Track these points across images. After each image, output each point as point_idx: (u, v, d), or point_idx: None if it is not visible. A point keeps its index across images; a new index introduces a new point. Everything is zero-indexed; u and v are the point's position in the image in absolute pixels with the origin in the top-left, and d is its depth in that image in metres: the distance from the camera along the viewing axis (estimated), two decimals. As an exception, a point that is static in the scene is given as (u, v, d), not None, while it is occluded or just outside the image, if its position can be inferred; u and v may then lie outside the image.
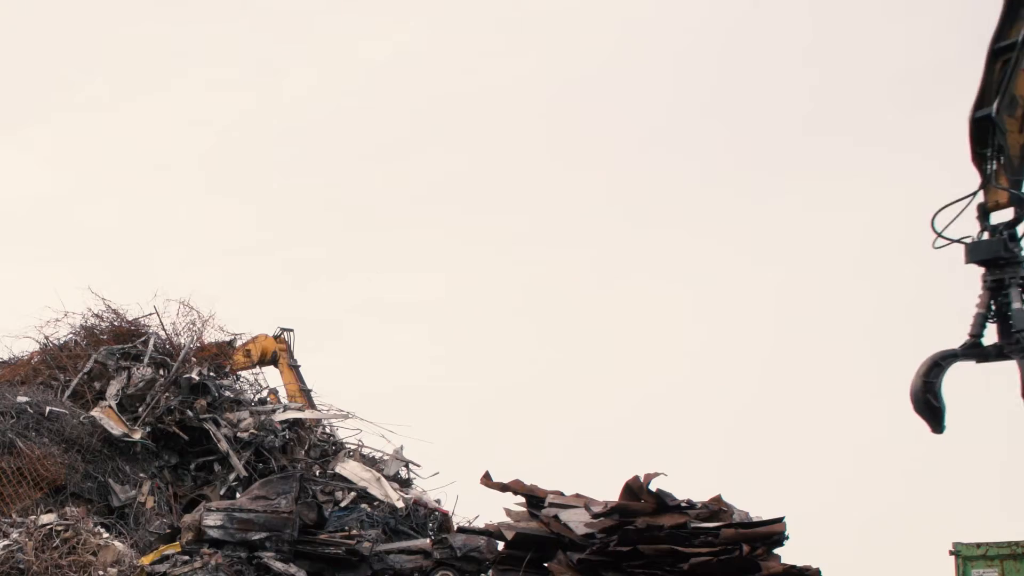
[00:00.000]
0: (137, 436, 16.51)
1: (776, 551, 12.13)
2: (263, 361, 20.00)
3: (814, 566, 12.31)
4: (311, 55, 42.46)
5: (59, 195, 41.73)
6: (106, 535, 14.48)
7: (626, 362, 34.05)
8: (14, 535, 14.04)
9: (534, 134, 40.58)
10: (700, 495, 12.07)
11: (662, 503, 11.78)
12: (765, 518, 12.19)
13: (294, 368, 20.14)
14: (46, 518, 14.40)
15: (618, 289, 35.82)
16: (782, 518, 12.20)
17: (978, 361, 8.73)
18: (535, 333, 36.62)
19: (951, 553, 12.88)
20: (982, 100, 8.73)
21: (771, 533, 11.95)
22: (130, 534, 15.07)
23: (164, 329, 18.23)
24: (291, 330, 20.47)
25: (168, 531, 15.30)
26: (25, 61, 43.82)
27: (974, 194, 8.77)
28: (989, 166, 8.72)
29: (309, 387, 20.11)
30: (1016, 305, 8.55)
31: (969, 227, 8.91)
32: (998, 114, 8.62)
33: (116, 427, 16.35)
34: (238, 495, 16.04)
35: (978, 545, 12.79)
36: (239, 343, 19.63)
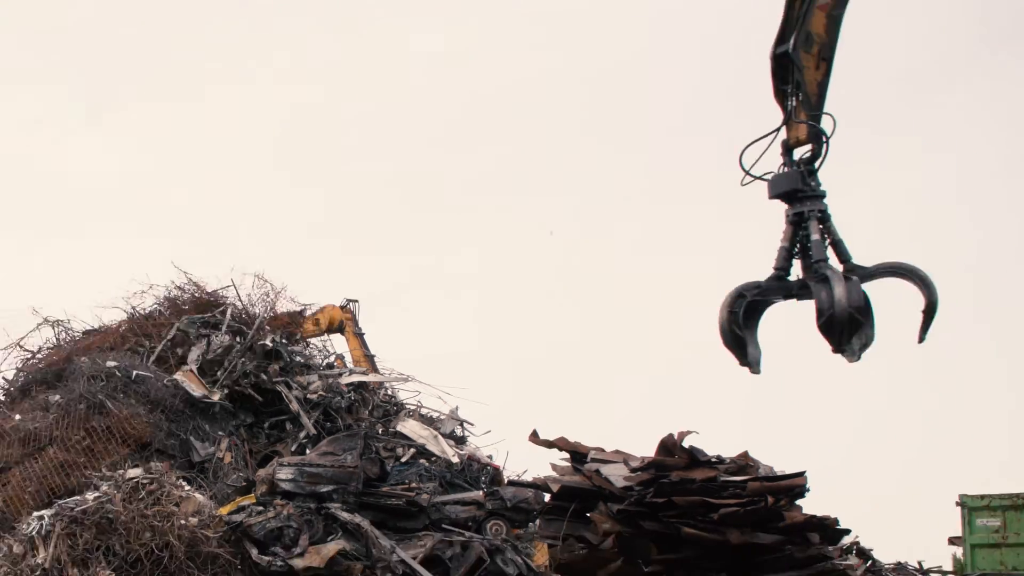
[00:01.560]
0: (216, 397, 16.94)
1: (798, 502, 11.91)
2: (330, 329, 20.23)
3: (832, 516, 12.14)
4: (365, 48, 43.84)
5: (144, 175, 43.14)
6: (187, 488, 14.79)
7: (660, 331, 34.91)
8: (104, 488, 14.37)
9: (576, 122, 41.50)
10: (728, 451, 11.82)
11: (694, 459, 11.72)
12: (788, 472, 12.03)
13: (359, 335, 20.26)
14: (133, 472, 14.71)
15: (654, 265, 36.51)
16: (803, 472, 12.00)
17: (784, 297, 8.89)
18: (577, 303, 37.75)
19: (958, 504, 13.41)
20: (782, 37, 8.70)
21: (793, 486, 11.80)
22: (209, 487, 15.43)
23: (240, 300, 18.58)
24: (356, 301, 20.49)
25: (244, 484, 15.74)
26: (121, 48, 45.34)
27: (777, 130, 8.83)
28: (790, 102, 8.79)
29: (372, 353, 20.26)
30: (815, 237, 8.68)
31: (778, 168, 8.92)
32: (795, 50, 8.61)
33: (197, 389, 16.80)
34: (308, 451, 16.30)
35: (982, 497, 13.19)
36: (308, 313, 19.94)
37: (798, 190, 8.68)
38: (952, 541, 14.36)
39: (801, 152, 8.79)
